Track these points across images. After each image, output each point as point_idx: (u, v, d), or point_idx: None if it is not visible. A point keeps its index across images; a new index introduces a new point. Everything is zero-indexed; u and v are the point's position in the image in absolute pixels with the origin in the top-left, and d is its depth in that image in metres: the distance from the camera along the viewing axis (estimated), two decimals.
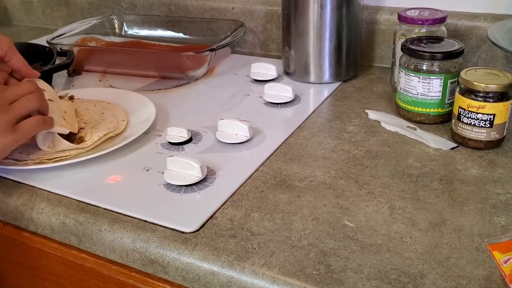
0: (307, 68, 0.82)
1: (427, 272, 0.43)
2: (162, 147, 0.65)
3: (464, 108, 0.60)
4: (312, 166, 0.59)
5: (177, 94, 0.82)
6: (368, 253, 0.46)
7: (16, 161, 0.60)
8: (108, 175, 0.59)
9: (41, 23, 1.29)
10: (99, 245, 0.52)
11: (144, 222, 0.51)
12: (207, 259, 0.46)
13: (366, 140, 0.65)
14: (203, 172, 0.57)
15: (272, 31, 0.98)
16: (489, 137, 0.60)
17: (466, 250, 0.45)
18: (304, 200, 0.53)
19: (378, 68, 0.89)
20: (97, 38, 1.00)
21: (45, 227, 0.55)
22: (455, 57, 0.65)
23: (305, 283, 0.43)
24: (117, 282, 0.56)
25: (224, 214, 0.52)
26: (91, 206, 0.54)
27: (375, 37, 0.89)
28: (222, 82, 0.86)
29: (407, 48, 0.67)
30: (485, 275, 0.42)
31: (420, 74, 0.66)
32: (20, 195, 0.57)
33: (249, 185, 0.57)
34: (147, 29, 1.05)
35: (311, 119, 0.71)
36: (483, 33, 0.79)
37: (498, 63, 0.80)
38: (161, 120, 0.72)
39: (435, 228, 0.48)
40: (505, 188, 0.54)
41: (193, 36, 1.00)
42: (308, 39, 0.79)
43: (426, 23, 0.73)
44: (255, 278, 0.44)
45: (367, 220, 0.50)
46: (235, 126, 0.65)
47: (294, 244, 0.47)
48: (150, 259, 0.49)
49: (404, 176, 0.57)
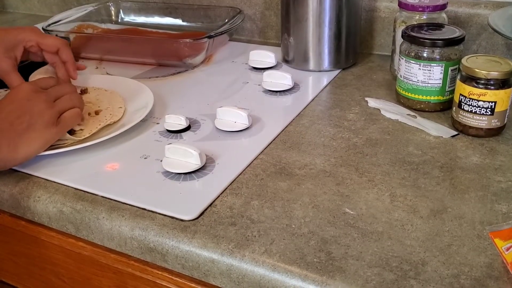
0: (306, 56, 0.81)
1: (428, 259, 0.43)
2: (160, 135, 0.64)
3: (465, 96, 0.60)
4: (312, 154, 0.59)
5: (175, 81, 0.81)
6: (369, 240, 0.45)
7: None
8: (106, 163, 0.59)
9: (36, 10, 1.28)
10: (97, 233, 0.52)
11: (142, 210, 0.51)
12: (207, 247, 0.46)
13: (366, 128, 0.64)
14: (202, 160, 0.56)
15: (271, 18, 0.97)
16: (490, 125, 0.60)
17: (467, 237, 0.45)
18: (304, 188, 0.53)
19: (377, 56, 0.89)
20: (94, 25, 0.98)
21: (42, 216, 0.55)
22: (456, 44, 0.65)
23: (305, 271, 0.42)
24: (115, 270, 0.55)
25: (224, 202, 0.51)
26: (89, 194, 0.54)
27: (375, 24, 0.88)
28: (220, 69, 0.85)
29: (408, 35, 0.66)
30: (487, 262, 0.42)
31: (420, 62, 0.65)
32: (17, 183, 0.57)
33: (249, 173, 0.56)
34: (144, 16, 1.04)
35: (310, 107, 0.71)
36: (483, 20, 0.78)
37: (498, 50, 0.80)
38: (159, 108, 0.71)
39: (436, 216, 0.48)
40: (506, 176, 0.53)
41: (190, 23, 0.99)
42: (308, 26, 0.79)
43: (427, 10, 0.72)
44: (255, 266, 0.44)
45: (368, 207, 0.50)
46: (234, 114, 0.64)
47: (295, 232, 0.47)
48: (148, 247, 0.49)
49: (405, 164, 0.56)
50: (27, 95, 0.58)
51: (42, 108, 0.57)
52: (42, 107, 0.57)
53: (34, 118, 0.56)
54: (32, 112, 0.57)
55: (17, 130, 0.55)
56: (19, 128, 0.55)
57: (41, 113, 0.57)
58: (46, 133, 0.57)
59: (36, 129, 0.56)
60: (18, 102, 0.57)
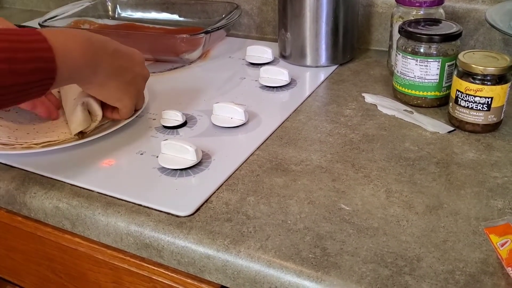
0: (303, 51, 0.81)
1: (423, 255, 0.43)
2: (157, 131, 0.64)
3: (461, 91, 0.60)
4: (308, 150, 0.59)
5: (172, 77, 0.81)
6: (364, 236, 0.45)
7: (3, 145, 0.59)
8: (102, 159, 0.59)
9: (33, 5, 1.27)
10: (93, 229, 0.52)
11: (138, 206, 0.51)
12: (202, 243, 0.46)
13: (362, 124, 0.64)
14: (198, 156, 0.56)
15: (268, 13, 0.96)
16: (487, 121, 0.60)
17: (463, 233, 0.45)
18: (300, 183, 0.53)
19: (375, 51, 0.88)
20: (90, 20, 0.98)
21: (38, 212, 0.55)
22: (453, 39, 0.64)
23: (301, 267, 0.42)
24: (112, 266, 0.55)
25: (220, 198, 0.51)
26: (85, 190, 0.54)
27: (372, 19, 0.88)
28: (217, 65, 0.85)
29: (405, 30, 0.66)
30: (482, 258, 0.42)
31: (417, 57, 0.65)
32: (13, 179, 0.57)
33: (245, 169, 0.56)
34: (141, 12, 1.03)
35: (307, 102, 0.70)
36: (481, 15, 0.78)
37: (495, 46, 0.80)
38: (155, 103, 0.71)
39: (432, 212, 0.48)
40: (502, 172, 0.53)
41: (187, 18, 0.99)
42: (305, 21, 0.78)
43: (424, 5, 0.72)
44: (251, 262, 0.44)
45: (364, 203, 0.50)
46: (231, 110, 0.64)
47: (290, 228, 0.47)
48: (144, 243, 0.49)
49: (401, 159, 0.56)
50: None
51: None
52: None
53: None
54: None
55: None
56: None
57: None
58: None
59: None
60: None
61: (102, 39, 0.58)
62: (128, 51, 0.62)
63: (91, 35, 0.56)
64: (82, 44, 0.54)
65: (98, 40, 0.57)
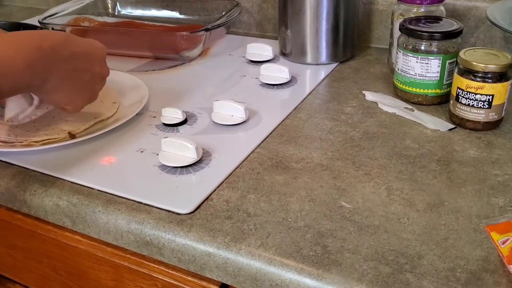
0: (303, 49, 0.81)
1: (424, 253, 0.43)
2: (157, 129, 0.64)
3: (462, 89, 0.59)
4: (308, 148, 0.59)
5: (172, 75, 0.81)
6: (365, 234, 0.45)
7: (3, 143, 0.59)
8: (102, 157, 0.58)
9: (33, 2, 1.27)
10: (93, 227, 0.52)
11: (138, 203, 0.51)
12: (203, 241, 0.46)
13: (363, 122, 0.64)
14: (199, 153, 0.56)
15: (268, 10, 0.96)
16: (487, 118, 0.60)
17: (464, 231, 0.45)
18: (301, 181, 0.53)
19: (375, 49, 0.88)
20: (90, 18, 0.98)
21: (38, 209, 0.55)
22: (454, 37, 0.64)
23: (301, 264, 0.42)
24: (112, 264, 0.55)
25: (220, 195, 0.51)
26: (85, 188, 0.54)
27: (373, 17, 0.88)
28: (218, 63, 0.85)
29: (405, 28, 0.66)
30: (483, 256, 0.42)
31: (418, 55, 0.65)
32: (13, 176, 0.56)
33: (245, 166, 0.56)
34: (141, 9, 1.03)
35: (307, 100, 0.70)
36: (481, 13, 0.78)
37: (496, 43, 0.79)
38: (155, 101, 0.71)
39: (433, 209, 0.48)
40: (503, 169, 0.53)
41: (187, 16, 0.99)
42: (305, 19, 0.78)
43: (425, 3, 0.71)
44: (251, 259, 0.44)
45: (364, 201, 0.49)
46: (231, 108, 0.64)
47: (291, 225, 0.47)
48: (145, 241, 0.49)
49: (402, 157, 0.56)
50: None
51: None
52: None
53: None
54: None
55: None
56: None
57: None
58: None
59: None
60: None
61: (57, 43, 0.53)
62: (88, 50, 0.58)
63: (43, 40, 0.52)
64: (30, 52, 0.50)
65: (50, 47, 0.52)
